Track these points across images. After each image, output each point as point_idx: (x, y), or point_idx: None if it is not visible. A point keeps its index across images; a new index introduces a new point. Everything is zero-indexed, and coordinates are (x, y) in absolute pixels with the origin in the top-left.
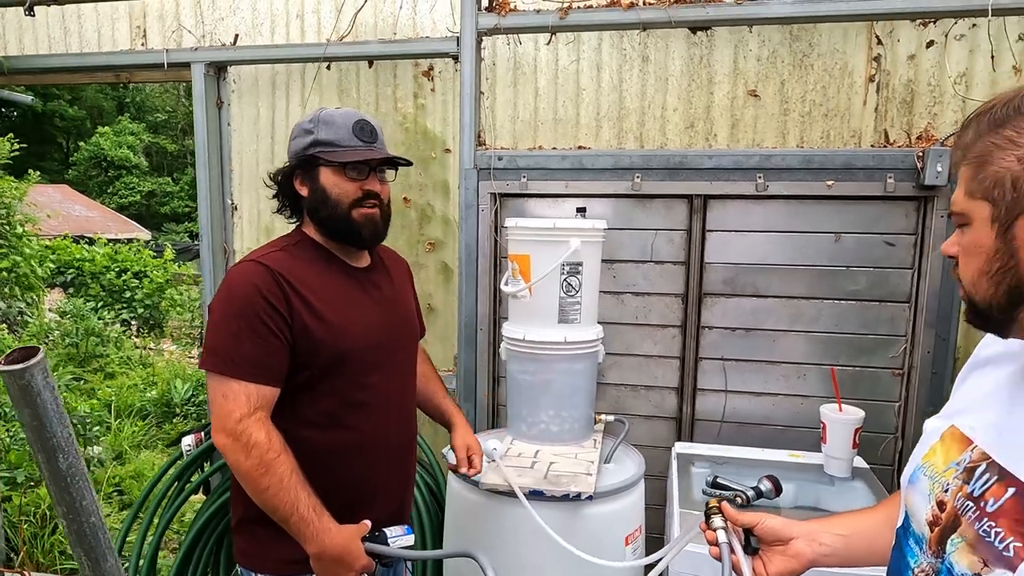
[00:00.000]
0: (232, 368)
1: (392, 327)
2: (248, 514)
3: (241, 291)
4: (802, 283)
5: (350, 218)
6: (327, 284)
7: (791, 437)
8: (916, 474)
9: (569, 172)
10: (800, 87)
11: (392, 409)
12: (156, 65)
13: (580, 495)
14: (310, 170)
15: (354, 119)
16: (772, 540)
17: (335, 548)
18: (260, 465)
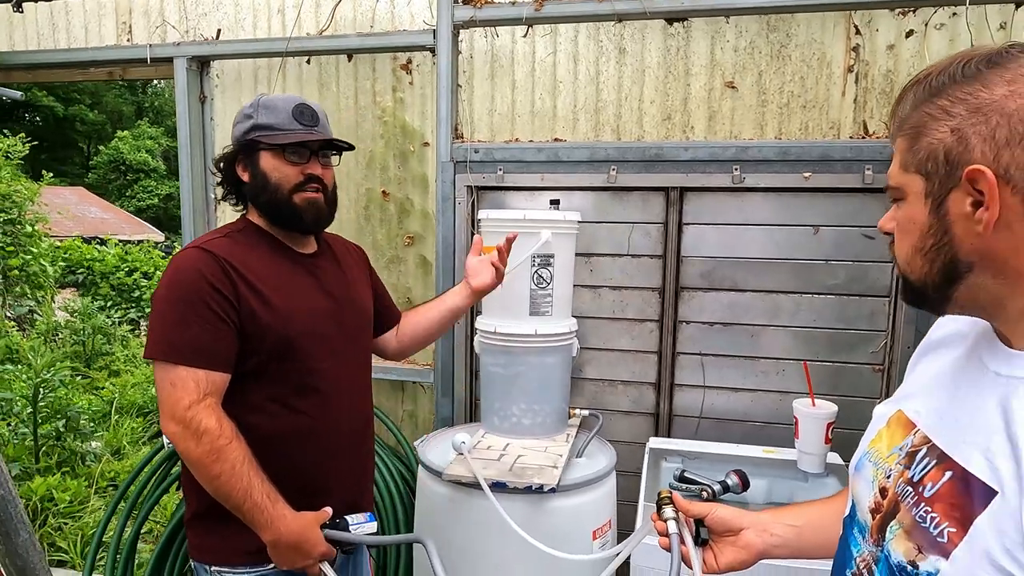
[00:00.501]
0: (179, 355)
1: (340, 313)
2: (200, 507)
3: (185, 277)
4: (780, 277)
5: (292, 203)
6: (273, 270)
7: (770, 434)
8: (862, 461)
9: (545, 164)
10: (778, 78)
11: (343, 395)
12: (140, 60)
13: (543, 487)
14: (251, 155)
15: (294, 103)
16: (723, 531)
17: (291, 535)
18: (211, 452)
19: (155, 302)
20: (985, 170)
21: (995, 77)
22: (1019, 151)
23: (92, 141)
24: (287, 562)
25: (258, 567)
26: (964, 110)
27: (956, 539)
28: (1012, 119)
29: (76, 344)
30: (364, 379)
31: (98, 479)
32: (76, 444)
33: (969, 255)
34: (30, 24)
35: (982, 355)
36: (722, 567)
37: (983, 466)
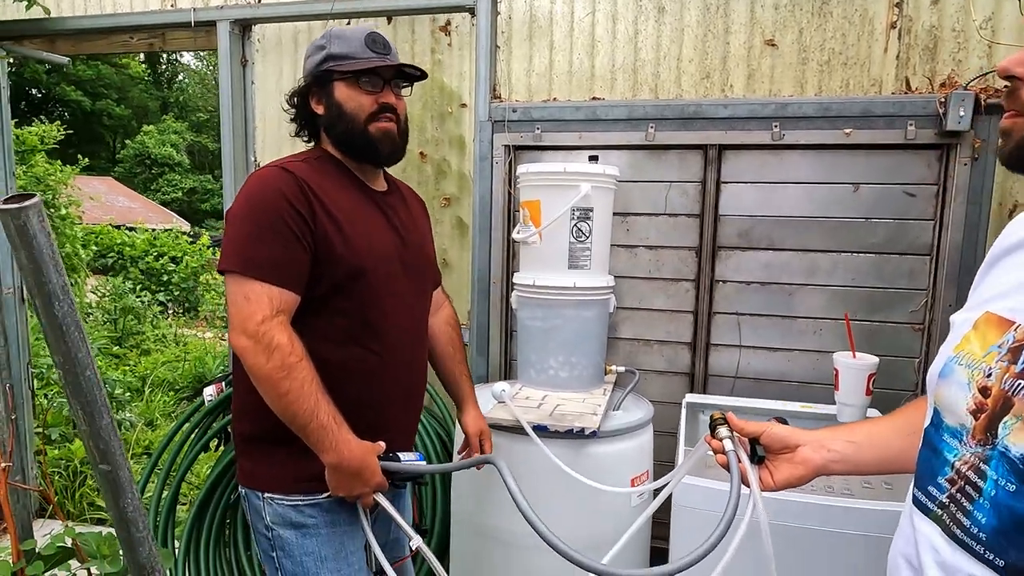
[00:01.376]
0: (255, 269)
1: (407, 252)
2: (256, 430)
3: (265, 194)
4: (819, 235)
5: (367, 132)
6: (347, 200)
7: (806, 393)
8: (948, 366)
9: (583, 123)
10: (819, 35)
11: (405, 335)
12: (184, 24)
13: (584, 430)
14: (324, 86)
15: (365, 32)
16: (779, 448)
17: (354, 460)
18: (282, 368)
19: (232, 217)
20: None
21: None
22: None
23: (118, 135)
24: (345, 488)
25: (312, 495)
26: None
27: None
28: None
29: (108, 323)
30: (424, 324)
31: (133, 446)
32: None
33: None
34: None
35: None
36: (779, 484)
37: None
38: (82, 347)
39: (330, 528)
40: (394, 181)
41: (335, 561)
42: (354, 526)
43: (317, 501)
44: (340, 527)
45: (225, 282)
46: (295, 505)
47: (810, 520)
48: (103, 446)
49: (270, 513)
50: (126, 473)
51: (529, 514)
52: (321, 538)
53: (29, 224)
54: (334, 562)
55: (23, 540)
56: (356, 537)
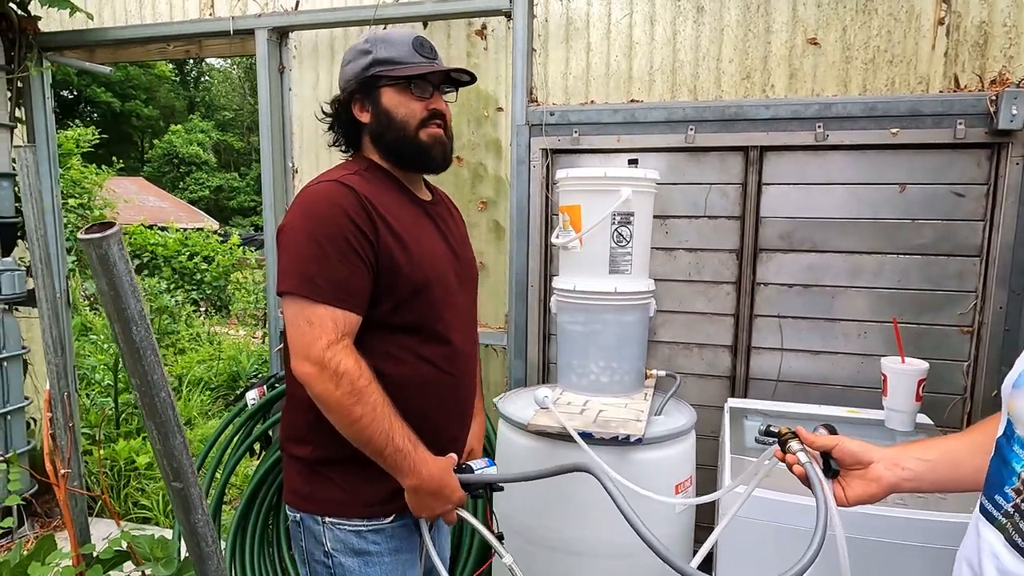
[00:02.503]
0: (318, 292)
1: (459, 264)
2: (319, 454)
3: (325, 210)
4: (863, 237)
5: (418, 140)
6: (406, 213)
7: (851, 397)
8: None
9: (621, 126)
10: (863, 33)
11: (463, 345)
12: (223, 32)
13: (629, 438)
14: (371, 92)
15: (413, 36)
16: (851, 463)
17: (433, 480)
18: (352, 394)
19: (289, 234)
20: None
21: None
22: None
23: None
24: (427, 509)
25: (376, 520)
26: None
27: None
28: None
29: None
30: (476, 332)
31: None
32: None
33: None
34: (118, 3)
35: None
36: (851, 500)
37: None
38: (157, 369)
39: (393, 556)
40: (435, 189)
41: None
42: (414, 553)
43: (381, 527)
44: (403, 554)
45: (283, 304)
46: (358, 531)
47: (873, 532)
48: (176, 464)
49: (331, 539)
50: (197, 490)
51: (632, 518)
52: (385, 566)
53: (110, 252)
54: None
55: (82, 544)
56: (415, 565)
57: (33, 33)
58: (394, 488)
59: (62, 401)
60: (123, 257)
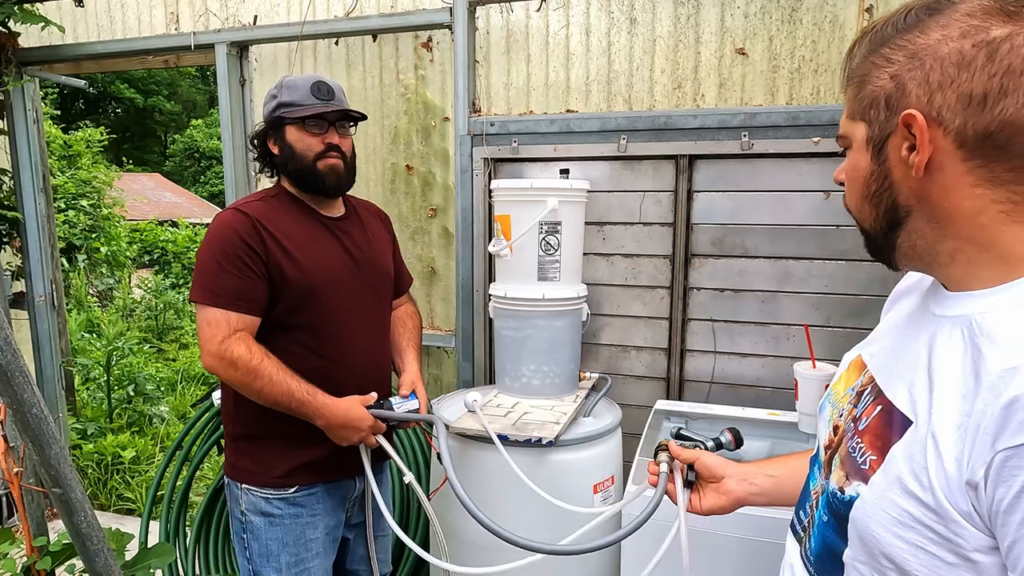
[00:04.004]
0: (213, 298)
1: (359, 270)
2: (235, 431)
3: (222, 233)
4: (791, 243)
5: (315, 169)
6: (299, 230)
7: (782, 398)
8: (823, 403)
9: (557, 136)
10: (789, 43)
11: (360, 343)
12: (185, 47)
13: (541, 440)
14: (278, 130)
15: (312, 81)
16: (708, 476)
17: (337, 416)
18: (248, 372)
19: (199, 254)
20: (916, 114)
21: (932, 23)
22: (950, 93)
23: (169, 130)
24: (343, 439)
25: (280, 490)
26: (903, 56)
27: (875, 466)
28: (944, 62)
29: (150, 319)
30: (382, 331)
31: (163, 439)
32: (145, 407)
33: (907, 199)
34: (91, 17)
35: (928, 299)
36: (704, 510)
37: (905, 398)
38: (26, 389)
39: (293, 519)
40: (353, 204)
41: (294, 547)
42: (315, 517)
43: (285, 495)
44: (302, 519)
45: (196, 311)
46: (266, 498)
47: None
48: (54, 472)
49: (245, 502)
50: (77, 495)
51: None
52: (285, 527)
53: None
54: (293, 547)
55: (36, 537)
56: (316, 528)
57: (12, 48)
58: (294, 465)
59: None
60: None
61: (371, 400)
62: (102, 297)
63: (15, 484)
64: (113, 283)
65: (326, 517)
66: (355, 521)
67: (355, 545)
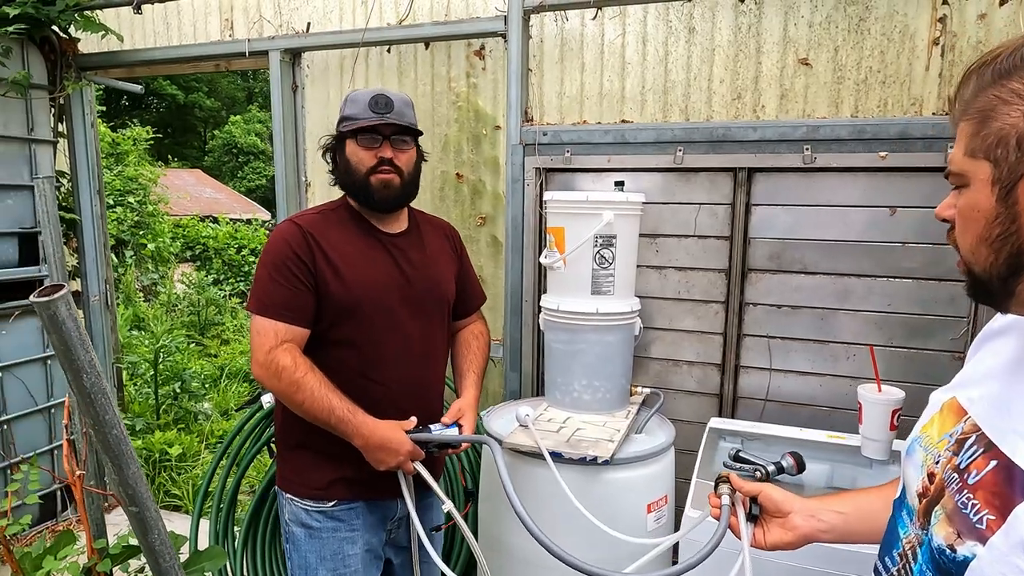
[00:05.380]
0: (263, 308)
1: (411, 288)
2: (282, 440)
3: (275, 245)
4: (853, 260)
5: (367, 183)
6: (350, 245)
7: (838, 420)
8: (913, 445)
9: (611, 146)
10: (856, 53)
11: (407, 363)
12: (240, 54)
13: (596, 459)
14: (340, 143)
15: (372, 94)
16: (773, 511)
17: (375, 437)
18: (291, 384)
19: (257, 265)
20: None
21: None
22: None
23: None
24: (380, 463)
25: (319, 502)
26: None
27: (994, 526)
28: None
29: (192, 314)
30: (434, 353)
31: (208, 436)
32: (190, 404)
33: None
34: (148, 24)
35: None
36: (768, 545)
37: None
38: (108, 410)
39: (332, 533)
40: (418, 220)
41: (332, 561)
42: (354, 533)
43: (323, 508)
44: (341, 533)
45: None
46: (306, 509)
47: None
48: (131, 492)
49: (288, 511)
50: (152, 513)
51: (514, 499)
52: (323, 540)
53: (58, 312)
54: (331, 562)
55: (96, 539)
56: (355, 543)
57: (72, 54)
58: (332, 478)
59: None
60: (71, 316)
61: (411, 425)
62: (146, 292)
63: (77, 486)
64: (157, 278)
65: (366, 533)
66: (402, 543)
67: (402, 570)
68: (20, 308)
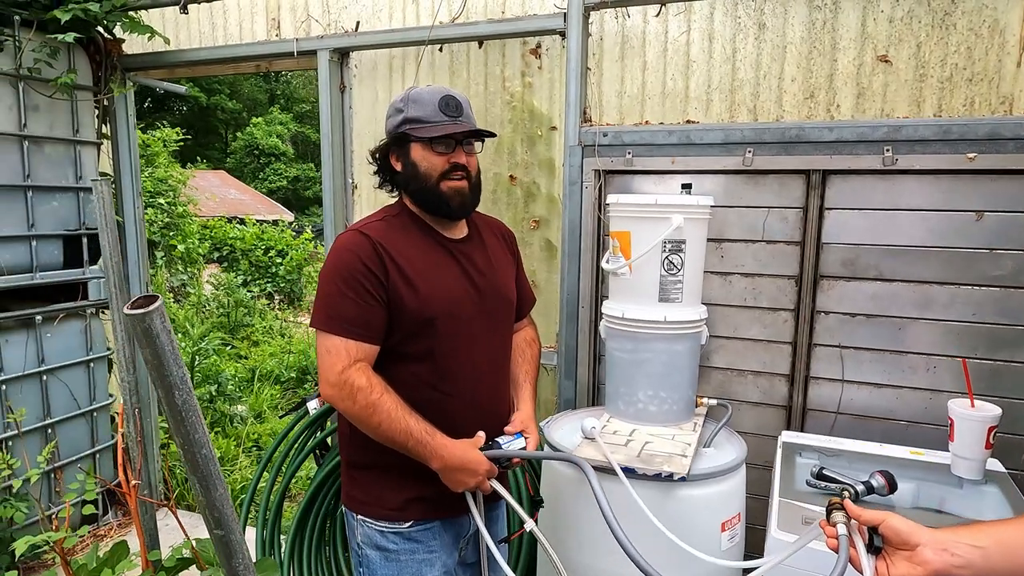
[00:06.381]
0: (334, 326)
1: (480, 297)
2: (351, 459)
3: (344, 257)
4: (934, 266)
5: (439, 190)
6: (420, 254)
7: (916, 434)
8: None
9: (676, 148)
10: (940, 50)
11: (479, 374)
12: (288, 54)
13: (672, 475)
14: (402, 146)
15: (440, 95)
16: (898, 543)
17: (454, 459)
18: (368, 406)
19: (320, 278)
20: None
21: None
22: None
23: (230, 128)
24: (459, 484)
25: (395, 523)
26: None
27: None
28: None
29: (221, 316)
30: (503, 361)
31: (244, 439)
32: (225, 407)
33: None
34: (193, 24)
35: None
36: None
37: None
38: (199, 429)
39: (409, 555)
40: (477, 223)
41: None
42: (432, 554)
43: (399, 529)
44: (419, 555)
45: (315, 336)
46: (380, 530)
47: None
48: (217, 514)
49: (360, 533)
50: (237, 536)
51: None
52: (401, 563)
53: (153, 326)
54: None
55: (150, 549)
56: (434, 565)
57: (117, 55)
58: (408, 497)
59: (133, 417)
60: (165, 328)
61: (481, 441)
62: (176, 293)
63: (132, 496)
64: (186, 279)
65: (443, 554)
66: (469, 560)
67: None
68: (65, 311)
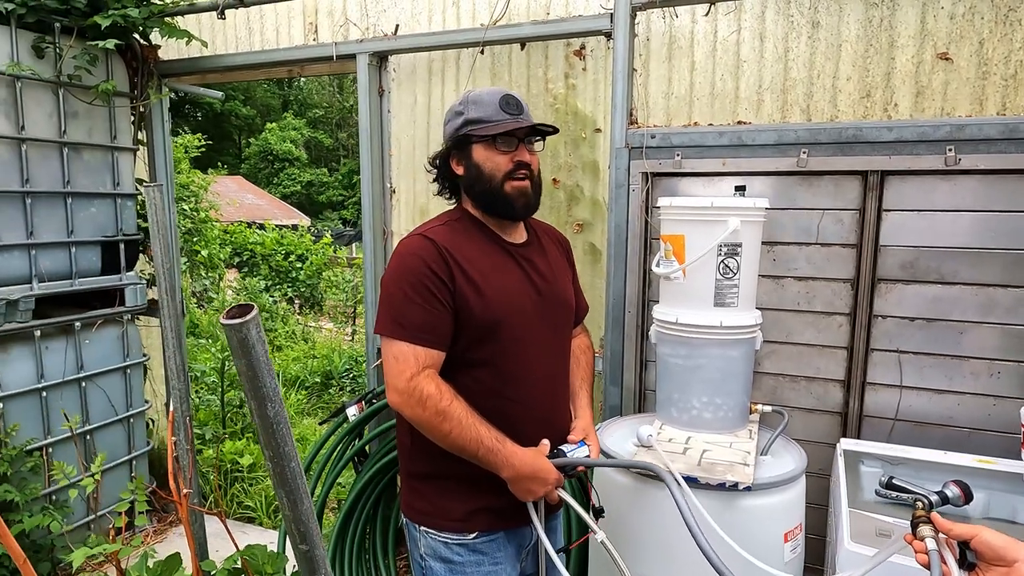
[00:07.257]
0: (402, 332)
1: (542, 302)
2: (412, 468)
3: (410, 262)
4: (998, 269)
5: (503, 191)
6: (485, 259)
7: (978, 442)
8: None
9: (727, 149)
10: (1003, 47)
11: (542, 380)
12: (326, 58)
13: (737, 485)
14: (464, 148)
15: (500, 94)
16: (992, 558)
17: (525, 467)
18: (437, 414)
19: (384, 283)
20: None
21: None
22: None
23: (244, 133)
24: (529, 493)
25: (461, 534)
26: None
27: None
28: None
29: None
30: (562, 370)
31: None
32: None
33: None
34: (229, 29)
35: None
36: None
37: None
38: (288, 441)
39: (475, 567)
40: (535, 228)
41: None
42: (498, 566)
43: (464, 541)
44: (484, 567)
45: (381, 343)
46: (445, 542)
47: None
48: (303, 529)
49: (424, 545)
50: (320, 552)
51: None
52: (466, 575)
53: (249, 336)
54: None
55: (201, 559)
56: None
57: (154, 61)
58: (473, 508)
59: (184, 425)
60: (260, 339)
61: (547, 450)
62: (199, 298)
63: (182, 505)
64: (208, 284)
65: (507, 566)
66: (528, 572)
67: None
68: (103, 317)
